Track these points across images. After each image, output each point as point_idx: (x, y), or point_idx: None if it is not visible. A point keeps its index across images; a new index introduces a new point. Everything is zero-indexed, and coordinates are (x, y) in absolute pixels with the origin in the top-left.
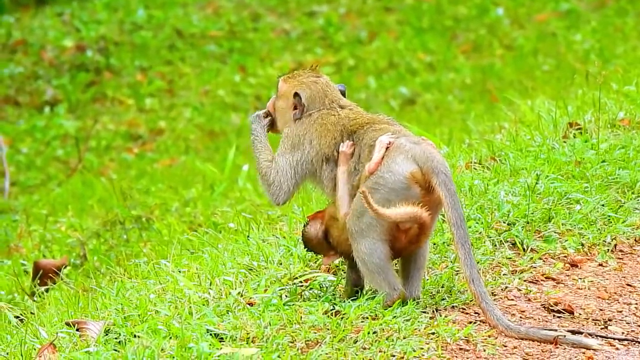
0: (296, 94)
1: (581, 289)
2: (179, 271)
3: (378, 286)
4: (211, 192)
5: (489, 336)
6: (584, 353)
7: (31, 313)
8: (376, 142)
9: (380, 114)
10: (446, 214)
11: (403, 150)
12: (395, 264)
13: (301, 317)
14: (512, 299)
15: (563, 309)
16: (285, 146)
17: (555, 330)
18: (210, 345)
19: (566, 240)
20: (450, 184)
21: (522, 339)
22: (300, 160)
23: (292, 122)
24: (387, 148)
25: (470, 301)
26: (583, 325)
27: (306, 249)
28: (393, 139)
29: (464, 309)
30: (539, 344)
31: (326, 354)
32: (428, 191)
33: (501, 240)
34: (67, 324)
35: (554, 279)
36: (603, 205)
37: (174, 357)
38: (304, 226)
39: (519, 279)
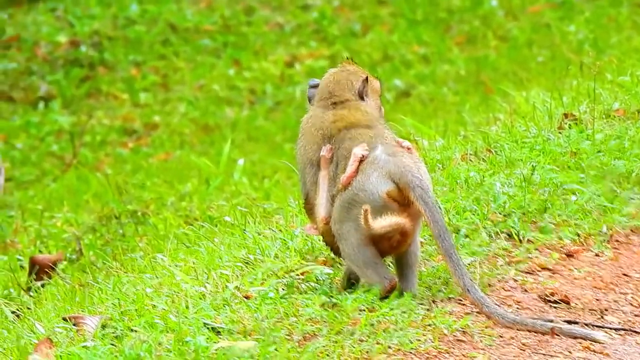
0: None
1: (577, 279)
2: (176, 265)
3: (369, 279)
4: (207, 186)
5: (486, 327)
6: (580, 343)
7: (28, 308)
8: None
9: (365, 112)
10: (429, 226)
11: (377, 167)
12: (390, 263)
13: (298, 310)
14: (509, 290)
15: (559, 300)
16: None
17: (553, 321)
18: (207, 339)
19: (562, 231)
20: (427, 197)
21: (529, 331)
22: (299, 158)
23: None
24: (361, 161)
25: None
26: (579, 315)
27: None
28: (367, 152)
29: (461, 301)
30: (535, 334)
31: (323, 346)
32: (407, 205)
33: (497, 232)
34: (64, 319)
35: (550, 270)
36: (599, 195)
37: (171, 351)
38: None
39: (515, 269)
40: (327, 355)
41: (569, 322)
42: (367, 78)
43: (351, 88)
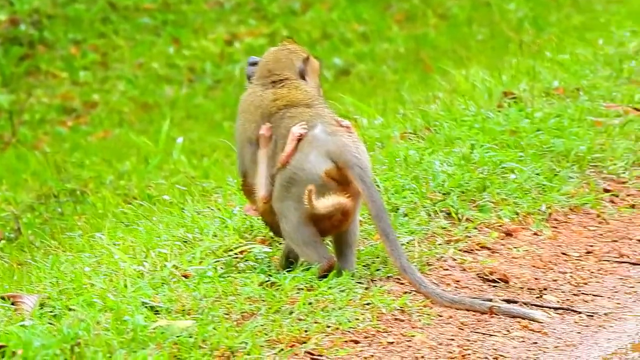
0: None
1: (516, 258)
2: (114, 244)
3: (308, 258)
4: (145, 164)
5: (424, 306)
6: (519, 322)
7: None
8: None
9: (305, 91)
10: (367, 206)
11: (316, 145)
12: (329, 242)
13: (236, 289)
14: (447, 269)
15: (498, 278)
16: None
17: (492, 300)
18: (145, 317)
19: (501, 210)
20: (365, 176)
21: (467, 310)
22: (237, 136)
23: None
24: (299, 140)
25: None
26: (518, 294)
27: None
28: (305, 130)
29: (399, 280)
30: (474, 313)
31: (262, 325)
32: (346, 184)
33: (436, 210)
34: (2, 297)
35: (489, 248)
36: (538, 174)
37: (109, 330)
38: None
39: (454, 248)
40: (266, 334)
41: (508, 301)
42: (308, 57)
43: (291, 67)
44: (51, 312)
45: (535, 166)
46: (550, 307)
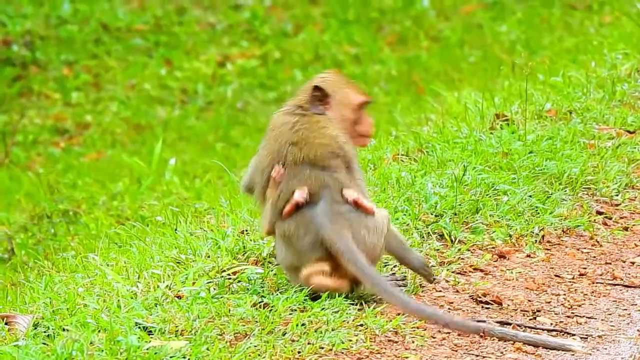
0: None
1: (509, 280)
2: (107, 265)
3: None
4: (138, 185)
5: (418, 327)
6: (512, 344)
7: None
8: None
9: (323, 133)
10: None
11: (313, 229)
12: None
13: (229, 310)
14: (441, 291)
15: (491, 300)
16: None
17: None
18: (139, 338)
19: (494, 232)
20: (355, 260)
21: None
22: (259, 152)
23: None
24: (297, 204)
25: None
26: (511, 316)
27: None
28: (304, 200)
29: None
30: (467, 335)
31: (255, 346)
32: (339, 265)
33: (429, 232)
34: None
35: (482, 270)
36: (530, 196)
37: (102, 351)
38: None
39: (447, 270)
40: (259, 355)
41: (501, 324)
42: (316, 87)
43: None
44: (45, 332)
45: (528, 188)
46: (543, 330)
